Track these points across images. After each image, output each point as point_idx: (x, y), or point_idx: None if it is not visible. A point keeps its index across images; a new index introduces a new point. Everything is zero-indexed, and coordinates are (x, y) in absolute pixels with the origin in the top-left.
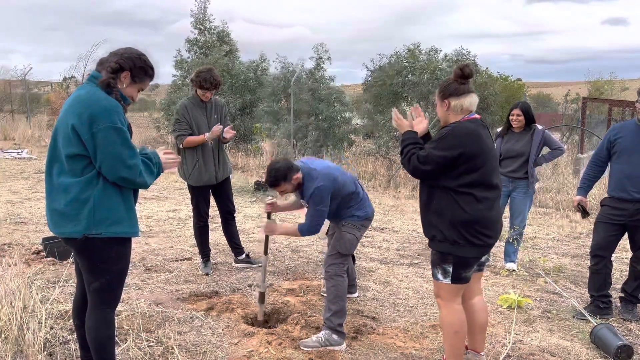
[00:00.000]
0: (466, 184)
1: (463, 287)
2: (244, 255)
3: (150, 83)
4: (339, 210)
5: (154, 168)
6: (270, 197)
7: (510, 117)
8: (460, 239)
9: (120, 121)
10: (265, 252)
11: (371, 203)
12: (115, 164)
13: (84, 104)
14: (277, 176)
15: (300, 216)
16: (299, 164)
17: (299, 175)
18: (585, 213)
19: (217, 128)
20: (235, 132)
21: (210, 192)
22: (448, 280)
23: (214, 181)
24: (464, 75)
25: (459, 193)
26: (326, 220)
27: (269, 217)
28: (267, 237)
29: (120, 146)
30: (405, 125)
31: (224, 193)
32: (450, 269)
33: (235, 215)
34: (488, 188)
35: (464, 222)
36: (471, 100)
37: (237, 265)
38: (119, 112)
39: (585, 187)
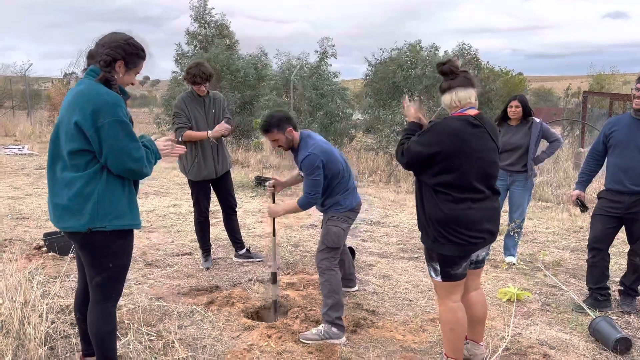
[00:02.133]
0: (442, 184)
1: (458, 285)
2: (244, 250)
3: (152, 78)
4: (327, 190)
5: (152, 156)
6: (272, 180)
7: (509, 109)
8: (440, 237)
9: (123, 114)
10: (274, 234)
11: (359, 195)
12: (121, 158)
13: (85, 99)
14: (271, 122)
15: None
16: (301, 131)
17: (295, 132)
18: (583, 207)
19: (220, 127)
20: (231, 126)
21: (211, 187)
22: (439, 278)
23: (214, 175)
24: (441, 72)
25: (437, 191)
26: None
27: (273, 200)
28: (273, 219)
29: (125, 139)
30: (411, 114)
31: (224, 187)
32: (438, 267)
33: (236, 209)
34: (466, 190)
35: (439, 221)
36: (452, 97)
37: (237, 259)
38: (122, 106)
39: (583, 181)
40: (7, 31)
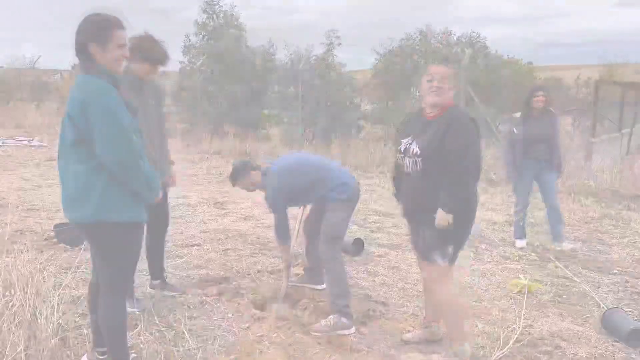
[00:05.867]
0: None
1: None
2: (158, 281)
3: (162, 69)
4: (313, 195)
5: (150, 187)
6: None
7: (535, 99)
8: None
9: (113, 103)
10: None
11: (355, 184)
12: (111, 148)
13: (76, 91)
14: (233, 175)
15: None
16: (265, 165)
17: (255, 173)
18: None
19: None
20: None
21: None
22: (446, 261)
23: None
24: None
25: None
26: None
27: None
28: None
29: (113, 128)
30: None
31: None
32: (451, 251)
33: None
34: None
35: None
36: None
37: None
38: (111, 95)
39: None
40: (19, 22)
